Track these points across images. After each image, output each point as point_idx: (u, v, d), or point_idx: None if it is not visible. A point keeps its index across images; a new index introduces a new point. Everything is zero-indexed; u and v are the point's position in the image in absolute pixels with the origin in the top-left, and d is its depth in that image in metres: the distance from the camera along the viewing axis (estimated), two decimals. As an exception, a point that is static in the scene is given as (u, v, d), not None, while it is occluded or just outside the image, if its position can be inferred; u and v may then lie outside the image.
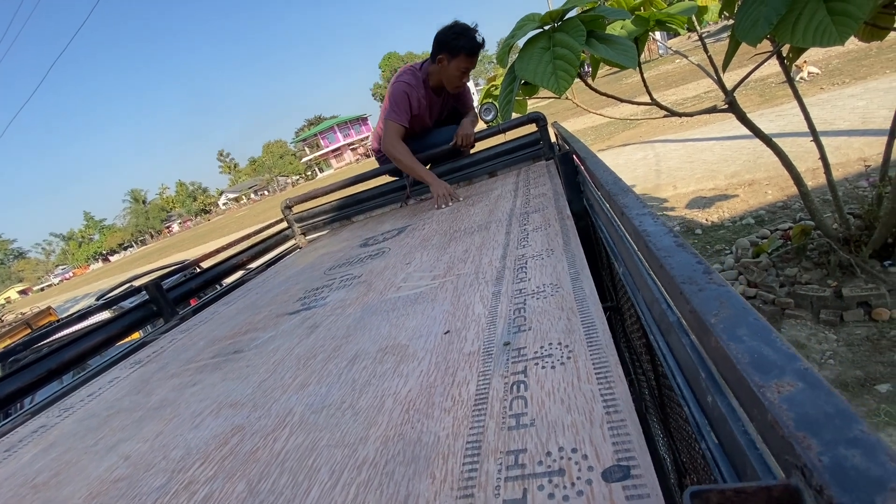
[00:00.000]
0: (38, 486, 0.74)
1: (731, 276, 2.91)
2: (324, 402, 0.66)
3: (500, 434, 0.49)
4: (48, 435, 0.96)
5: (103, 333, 1.52)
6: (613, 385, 0.50)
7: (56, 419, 1.04)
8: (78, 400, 1.12)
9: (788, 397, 0.22)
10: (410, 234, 1.60)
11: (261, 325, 1.15)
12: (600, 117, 11.14)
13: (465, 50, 1.99)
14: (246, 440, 0.64)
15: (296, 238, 2.43)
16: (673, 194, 4.82)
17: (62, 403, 1.14)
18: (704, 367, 0.36)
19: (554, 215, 1.17)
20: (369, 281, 1.20)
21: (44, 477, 0.77)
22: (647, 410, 1.37)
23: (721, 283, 0.35)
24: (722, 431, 0.34)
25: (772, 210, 3.70)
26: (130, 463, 0.70)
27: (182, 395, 0.89)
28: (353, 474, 0.50)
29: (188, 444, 0.69)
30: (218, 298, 1.75)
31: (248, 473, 0.56)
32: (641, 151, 6.90)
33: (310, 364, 0.81)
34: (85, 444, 0.84)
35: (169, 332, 1.47)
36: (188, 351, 1.17)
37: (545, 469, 0.43)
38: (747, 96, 7.96)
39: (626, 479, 0.39)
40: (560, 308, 0.69)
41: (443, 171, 2.22)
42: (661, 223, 0.52)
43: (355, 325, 0.92)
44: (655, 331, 0.56)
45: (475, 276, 0.95)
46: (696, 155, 5.71)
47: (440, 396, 0.58)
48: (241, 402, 0.76)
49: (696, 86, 11.14)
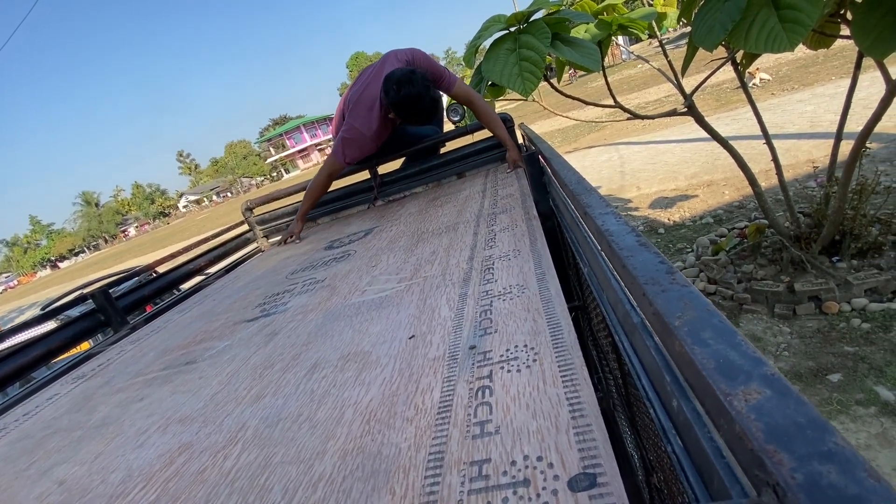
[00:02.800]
0: (-44, 520, 0.66)
1: (693, 273, 3.02)
2: (279, 414, 0.62)
3: (463, 443, 0.47)
4: (-26, 460, 0.87)
5: (44, 346, 1.40)
6: (579, 388, 0.49)
7: (-16, 442, 0.94)
8: (12, 420, 1.02)
9: (756, 406, 0.21)
10: (377, 235, 1.56)
11: (217, 334, 1.09)
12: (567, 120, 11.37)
13: (391, 105, 1.80)
14: (194, 459, 0.59)
15: (257, 241, 2.34)
16: (637, 195, 4.97)
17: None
18: (669, 370, 0.35)
19: (521, 216, 1.16)
20: (333, 285, 1.16)
21: (-35, 509, 0.69)
22: (615, 408, 1.39)
23: (684, 283, 0.34)
24: (688, 437, 0.33)
25: (729, 209, 3.86)
26: (65, 488, 0.64)
27: (127, 411, 0.83)
28: (308, 493, 0.46)
29: (130, 466, 0.63)
30: (173, 306, 1.66)
31: (193, 496, 0.52)
32: (606, 153, 7.08)
33: (266, 374, 0.76)
34: (16, 469, 0.76)
35: (117, 343, 1.38)
36: (137, 363, 1.09)
37: (510, 480, 0.41)
38: (705, 100, 8.31)
39: (593, 487, 0.38)
40: (526, 309, 0.68)
41: (412, 173, 2.19)
42: (624, 222, 0.51)
43: (316, 331, 0.89)
44: (620, 331, 0.56)
45: (442, 277, 0.93)
46: (658, 157, 5.91)
47: (403, 405, 0.56)
48: (191, 416, 0.71)
49: (657, 90, 11.56)
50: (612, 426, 1.36)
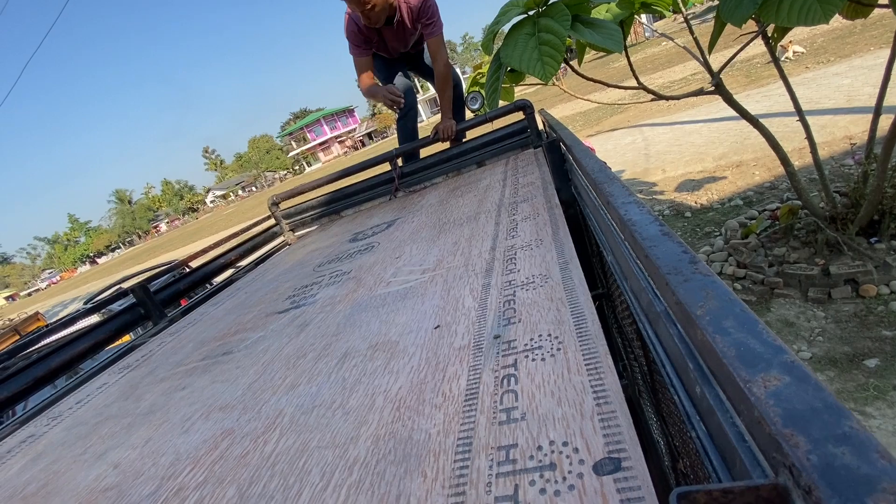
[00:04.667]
0: (27, 498, 0.73)
1: (721, 257, 2.94)
2: (314, 402, 0.66)
3: (490, 429, 0.48)
4: (37, 444, 0.94)
5: (91, 339, 1.49)
6: (603, 376, 0.50)
7: (45, 428, 1.02)
8: (66, 408, 1.10)
9: (775, 392, 0.21)
10: (400, 227, 1.58)
11: (250, 326, 1.14)
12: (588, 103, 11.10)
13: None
14: (236, 444, 0.63)
15: (284, 235, 2.40)
16: (662, 178, 4.84)
17: (51, 412, 1.12)
18: (692, 358, 0.36)
19: (542, 204, 1.16)
20: (359, 277, 1.19)
21: (32, 488, 0.75)
22: (640, 395, 1.38)
23: (707, 272, 0.34)
24: (710, 422, 0.34)
25: (759, 191, 3.73)
26: (120, 471, 0.69)
27: (171, 399, 0.88)
28: (345, 475, 0.49)
29: (178, 450, 0.68)
30: (207, 299, 1.73)
31: (238, 478, 0.55)
32: (630, 136, 6.91)
33: (299, 364, 0.80)
34: (73, 453, 0.82)
35: (158, 336, 1.45)
36: (177, 354, 1.15)
37: (536, 464, 0.42)
38: (734, 77, 7.98)
39: (618, 471, 0.39)
40: (549, 299, 0.69)
41: (432, 163, 2.20)
42: (647, 211, 0.51)
43: (345, 322, 0.92)
44: (644, 319, 0.56)
45: (465, 268, 0.95)
46: (684, 138, 5.73)
47: (431, 393, 0.58)
48: (231, 404, 0.75)
49: (682, 68, 11.15)
50: (638, 413, 1.36)
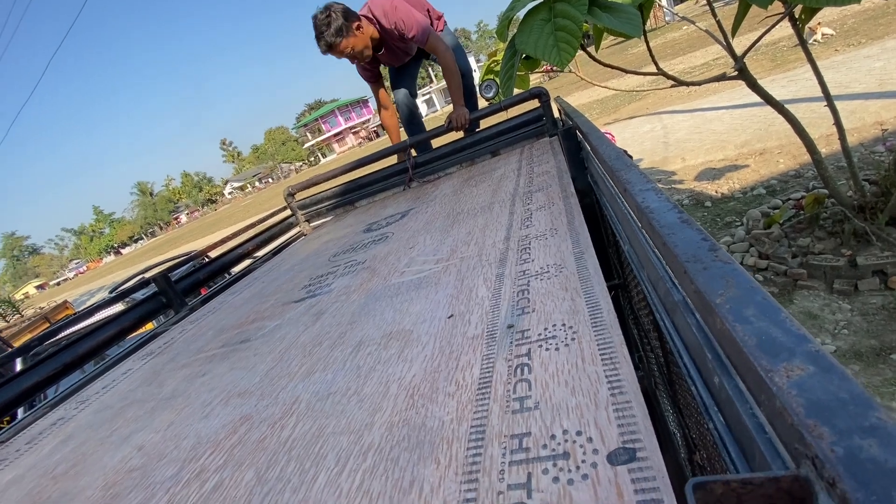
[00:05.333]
0: (57, 478, 0.76)
1: (742, 248, 2.87)
2: (329, 389, 0.66)
3: (504, 418, 0.48)
4: (66, 427, 0.98)
5: (116, 326, 1.54)
6: (618, 366, 0.49)
7: (73, 411, 1.06)
8: (93, 392, 1.14)
9: (798, 382, 0.21)
10: (413, 217, 1.58)
11: (267, 314, 1.16)
12: (605, 90, 10.88)
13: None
14: (254, 429, 0.64)
15: (300, 225, 2.42)
16: (681, 167, 4.73)
17: (79, 396, 1.17)
18: (711, 348, 0.35)
19: (558, 193, 1.14)
20: (373, 267, 1.19)
21: (62, 468, 0.78)
22: (656, 386, 1.37)
23: (727, 260, 0.33)
24: (729, 414, 0.33)
25: (784, 179, 3.62)
26: (144, 453, 0.71)
27: (192, 385, 0.90)
28: (359, 461, 0.50)
29: (199, 434, 0.70)
30: (226, 288, 1.77)
31: (256, 462, 0.57)
32: (648, 124, 6.75)
33: (315, 352, 0.81)
34: (100, 436, 0.85)
35: (179, 324, 1.49)
36: (197, 341, 1.18)
37: (550, 452, 0.42)
38: (758, 62, 7.71)
39: (632, 461, 0.39)
40: (564, 289, 0.68)
41: (446, 153, 2.19)
42: (666, 199, 0.50)
43: (360, 311, 0.92)
44: (661, 309, 0.55)
45: (478, 258, 0.94)
46: (704, 125, 5.58)
47: (444, 381, 0.58)
48: (249, 391, 0.77)
49: (703, 53, 10.82)
50: (654, 405, 1.35)
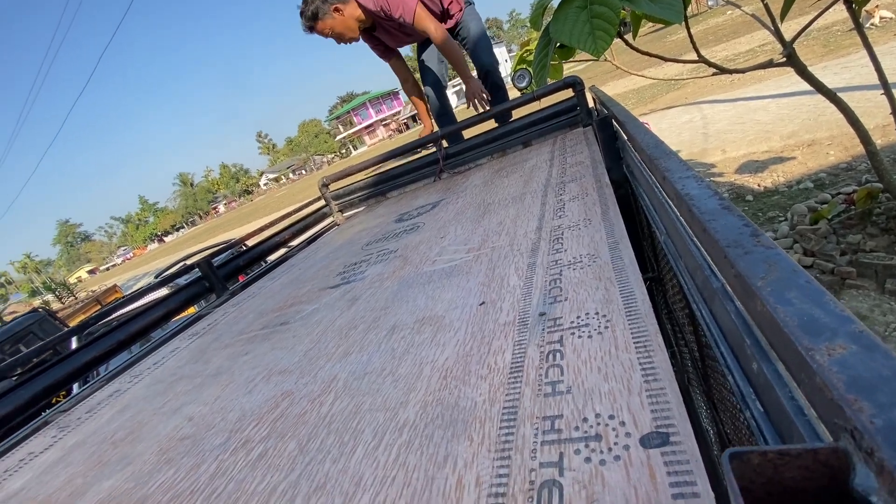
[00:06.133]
0: (116, 443, 0.82)
1: (786, 244, 2.75)
2: (365, 369, 0.69)
3: (536, 400, 0.49)
4: (122, 398, 1.05)
5: (163, 308, 1.63)
6: (653, 354, 0.49)
7: (128, 385, 1.14)
8: (145, 368, 1.22)
9: (840, 360, 0.21)
10: (444, 208, 1.60)
11: (304, 299, 1.20)
12: (642, 79, 10.53)
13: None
14: (295, 404, 0.68)
15: (333, 215, 2.48)
16: (721, 159, 4.54)
17: (132, 371, 1.25)
18: (750, 333, 0.35)
19: (592, 184, 1.13)
20: (405, 255, 1.22)
21: (120, 435, 0.85)
22: (690, 382, 1.34)
23: (770, 245, 0.33)
24: (767, 399, 0.33)
25: (834, 172, 3.42)
26: (194, 423, 0.76)
27: (236, 363, 0.95)
28: (395, 436, 0.52)
29: (243, 408, 0.74)
30: (263, 275, 1.84)
31: (297, 434, 0.60)
32: (687, 114, 6.50)
33: (351, 334, 0.84)
34: (153, 407, 0.92)
35: (221, 307, 1.57)
36: (239, 323, 1.24)
37: (582, 434, 0.43)
38: (809, 47, 7.27)
39: (665, 445, 0.39)
40: (598, 278, 0.68)
41: (477, 143, 2.19)
42: (707, 185, 0.49)
43: (393, 297, 0.95)
44: (698, 299, 0.55)
45: (510, 248, 0.95)
46: (748, 115, 5.33)
47: (476, 364, 0.59)
48: (290, 369, 0.81)
49: (749, 39, 10.28)
50: (688, 402, 1.32)
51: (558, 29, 1.80)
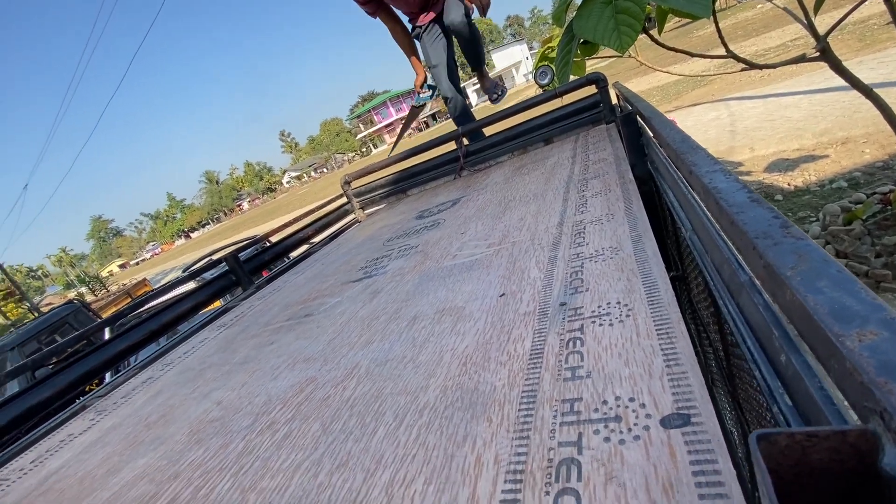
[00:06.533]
0: (150, 425, 0.86)
1: (817, 245, 2.65)
2: (387, 356, 0.71)
3: (555, 385, 0.50)
4: (155, 384, 1.10)
5: (192, 300, 1.69)
6: (675, 340, 0.49)
7: (160, 372, 1.18)
8: (176, 357, 1.26)
9: (871, 345, 0.21)
10: (464, 205, 1.60)
11: (328, 292, 1.23)
12: (667, 75, 10.29)
13: None
14: (319, 389, 0.70)
15: (355, 212, 2.52)
16: (749, 157, 4.41)
17: (164, 359, 1.30)
18: (778, 325, 0.34)
19: (615, 180, 1.12)
20: (426, 251, 1.23)
21: (154, 417, 0.89)
22: (714, 383, 1.32)
23: (800, 236, 0.33)
24: (796, 390, 0.33)
25: (869, 171, 3.29)
26: (222, 407, 0.79)
27: (262, 352, 0.98)
28: (415, 417, 0.53)
29: (269, 392, 0.76)
30: (287, 270, 1.88)
31: (321, 416, 0.62)
32: (714, 111, 6.33)
33: (373, 325, 0.86)
34: (184, 392, 0.95)
35: (247, 300, 1.61)
36: (264, 315, 1.28)
37: (601, 416, 0.43)
38: (844, 42, 6.99)
39: (686, 425, 0.39)
40: (620, 269, 0.68)
41: (497, 141, 2.19)
42: (735, 179, 0.49)
43: (414, 290, 0.96)
44: (725, 294, 0.54)
45: (531, 242, 0.95)
46: (778, 112, 5.16)
47: (496, 352, 0.60)
48: (314, 357, 0.83)
49: (780, 33, 9.94)
50: (713, 405, 1.30)
51: (582, 25, 1.78)
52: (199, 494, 0.57)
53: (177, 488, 0.60)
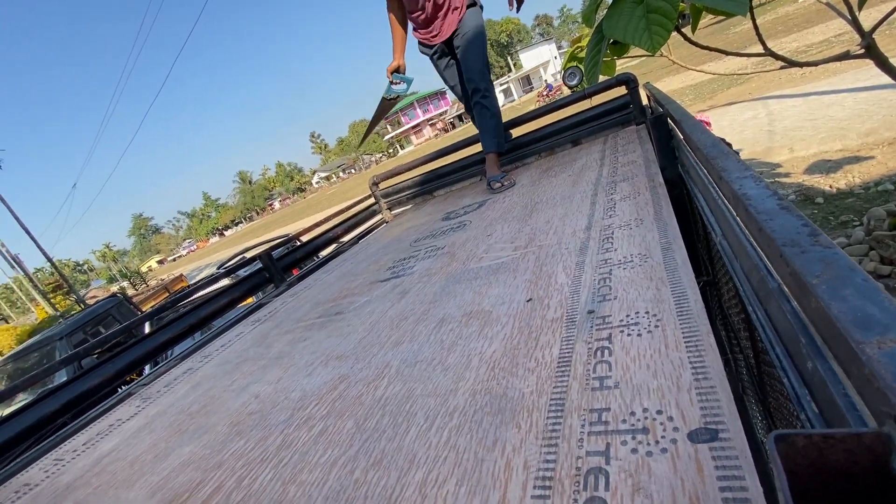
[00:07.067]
0: (192, 414, 0.91)
1: (860, 251, 2.54)
2: (416, 357, 0.73)
3: (583, 394, 0.51)
4: (195, 376, 1.16)
5: (228, 296, 1.77)
6: (704, 354, 0.49)
7: (199, 364, 1.25)
8: (214, 349, 1.33)
9: (890, 352, 0.21)
10: (491, 207, 1.62)
11: (357, 291, 1.27)
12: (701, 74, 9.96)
13: None
14: (351, 387, 0.73)
15: (382, 213, 2.57)
16: (788, 158, 4.24)
17: (202, 352, 1.37)
18: (805, 332, 0.35)
19: (644, 183, 1.11)
20: (452, 252, 1.25)
21: (195, 407, 0.94)
22: (745, 392, 1.29)
23: (828, 244, 0.33)
24: (821, 398, 0.33)
25: (921, 173, 3.11)
26: (260, 401, 0.83)
27: (295, 348, 1.03)
28: (446, 420, 0.55)
29: (304, 388, 0.80)
30: (317, 268, 1.94)
31: (355, 414, 0.65)
32: (751, 110, 6.11)
33: (402, 325, 0.89)
34: (223, 384, 1.01)
35: (280, 296, 1.67)
36: (297, 312, 1.33)
37: (629, 427, 0.44)
38: (892, 37, 6.62)
39: (714, 441, 0.39)
40: (649, 278, 0.68)
41: (523, 143, 2.19)
42: (765, 186, 0.49)
43: (441, 291, 0.98)
44: (754, 301, 0.54)
45: (558, 246, 0.96)
46: (820, 111, 4.93)
47: (524, 358, 0.61)
48: (345, 355, 0.86)
49: (823, 29, 9.49)
50: (742, 411, 1.27)
51: (612, 25, 1.76)
52: (242, 484, 0.61)
53: (221, 477, 0.65)
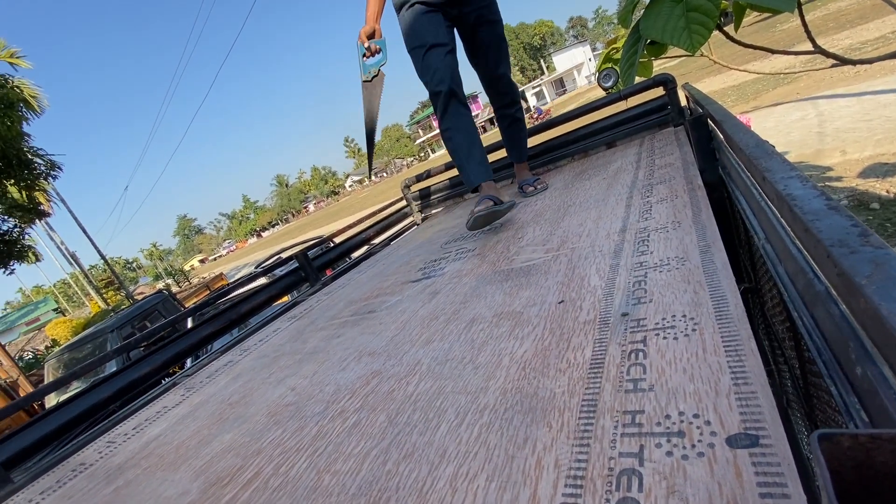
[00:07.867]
0: (232, 404, 0.95)
1: (922, 259, 2.36)
2: (447, 356, 0.74)
3: (616, 396, 0.50)
4: (235, 368, 1.21)
5: (266, 294, 1.83)
6: (744, 358, 0.48)
7: (239, 357, 1.30)
8: (252, 344, 1.39)
9: (946, 355, 0.21)
10: (522, 209, 1.61)
11: (389, 291, 1.29)
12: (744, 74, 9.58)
13: None
14: (383, 382, 0.75)
15: (413, 216, 2.60)
16: (840, 161, 4.01)
17: (241, 346, 1.43)
18: (854, 335, 0.33)
19: (682, 186, 1.08)
20: (483, 254, 1.26)
21: (235, 398, 0.98)
22: (790, 405, 1.22)
23: (880, 245, 0.32)
24: (871, 405, 0.32)
25: None
26: (296, 393, 0.86)
27: (329, 344, 1.06)
28: (476, 417, 0.56)
29: (338, 382, 0.82)
30: (350, 268, 1.99)
31: (387, 408, 0.66)
32: (798, 111, 5.81)
33: (432, 324, 0.90)
34: (261, 377, 1.05)
35: (315, 295, 1.72)
36: (331, 310, 1.36)
37: (664, 430, 0.43)
38: (964, 29, 6.15)
39: (754, 446, 0.38)
40: (686, 281, 0.66)
41: (556, 145, 2.16)
42: (812, 186, 0.47)
43: (471, 292, 0.99)
44: (800, 305, 0.52)
45: (591, 249, 0.95)
46: (876, 111, 4.64)
47: (555, 359, 0.61)
48: (378, 352, 0.88)
49: (879, 24, 8.92)
50: (787, 426, 1.21)
51: (650, 25, 1.72)
52: (279, 471, 0.63)
53: (260, 463, 0.67)
